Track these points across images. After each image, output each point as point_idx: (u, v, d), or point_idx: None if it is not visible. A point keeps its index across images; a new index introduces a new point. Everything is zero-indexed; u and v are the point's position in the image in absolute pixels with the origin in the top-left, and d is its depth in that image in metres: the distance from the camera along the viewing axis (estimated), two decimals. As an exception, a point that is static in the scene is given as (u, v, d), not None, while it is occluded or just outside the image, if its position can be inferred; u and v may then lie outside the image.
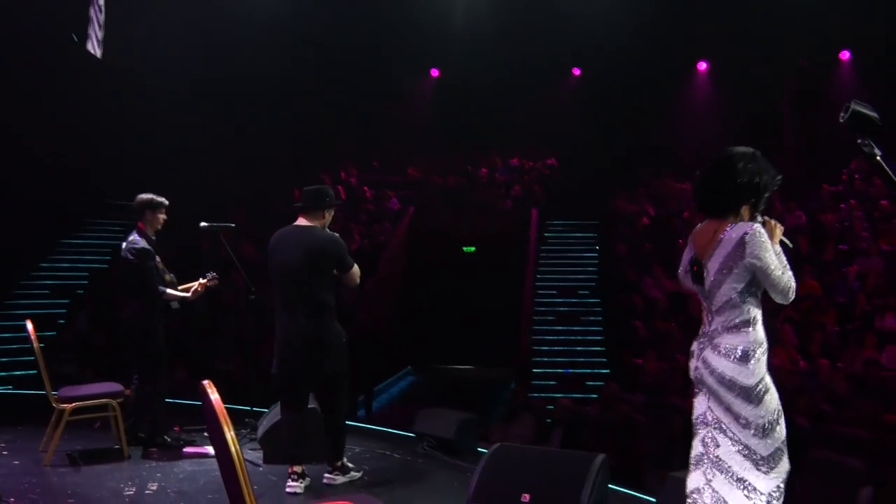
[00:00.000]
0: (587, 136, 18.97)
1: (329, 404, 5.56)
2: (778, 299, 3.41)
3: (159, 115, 16.10)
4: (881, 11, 15.60)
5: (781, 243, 3.50)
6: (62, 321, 13.92)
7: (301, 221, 5.52)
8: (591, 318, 14.81)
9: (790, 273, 3.39)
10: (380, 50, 18.94)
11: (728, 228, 3.37)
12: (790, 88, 18.35)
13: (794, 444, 7.30)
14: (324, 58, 18.93)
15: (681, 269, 3.68)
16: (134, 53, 14.49)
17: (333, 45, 18.77)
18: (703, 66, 19.61)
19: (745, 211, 3.45)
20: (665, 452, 7.98)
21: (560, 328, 14.67)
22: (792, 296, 3.39)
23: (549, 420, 9.46)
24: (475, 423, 6.55)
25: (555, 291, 15.76)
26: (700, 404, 3.49)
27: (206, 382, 2.73)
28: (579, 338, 14.38)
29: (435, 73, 21.39)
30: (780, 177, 3.52)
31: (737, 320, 3.37)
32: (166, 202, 6.57)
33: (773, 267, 3.31)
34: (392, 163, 20.97)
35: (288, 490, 5.28)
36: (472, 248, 17.80)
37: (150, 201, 6.50)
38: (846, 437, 7.20)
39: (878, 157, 2.36)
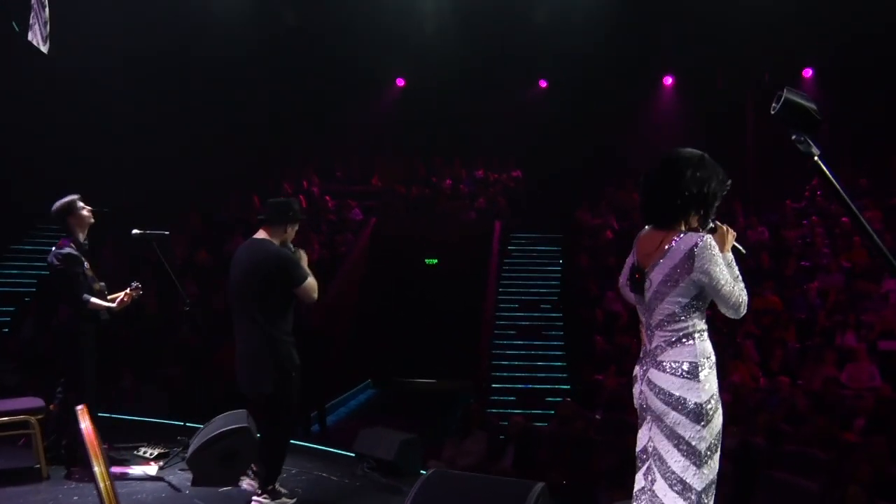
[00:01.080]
0: (553, 149, 18.80)
1: (263, 426, 5.30)
2: (729, 314, 3.14)
3: (113, 115, 15.63)
4: (844, 30, 15.60)
5: (734, 250, 3.24)
6: (6, 329, 13.45)
7: (260, 234, 5.34)
8: (553, 332, 14.63)
9: (742, 285, 3.12)
10: (345, 57, 18.65)
11: (676, 238, 3.09)
12: (754, 104, 18.33)
13: (750, 463, 7.14)
14: (287, 64, 18.61)
15: (621, 277, 3.41)
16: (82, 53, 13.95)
17: (298, 52, 18.46)
18: (668, 80, 19.55)
19: (693, 220, 3.18)
20: (620, 471, 7.76)
21: (521, 342, 14.47)
22: (743, 310, 3.12)
23: (502, 436, 9.21)
24: (418, 444, 6.26)
25: (517, 305, 15.57)
26: (643, 436, 3.22)
27: (79, 409, 2.45)
28: (540, 352, 14.18)
29: (400, 82, 21.11)
30: (729, 181, 3.23)
31: (679, 334, 3.09)
32: (77, 195, 6.18)
33: (723, 282, 3.04)
34: (355, 172, 20.75)
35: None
36: (435, 260, 17.58)
37: (65, 206, 6.11)
38: (803, 457, 7.02)
39: (816, 158, 2.07)
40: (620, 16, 17.47)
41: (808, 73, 17.94)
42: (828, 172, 2.01)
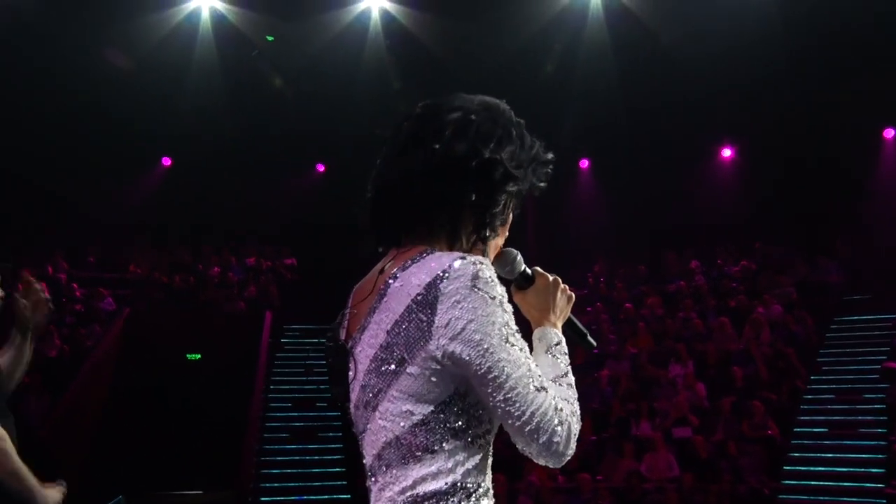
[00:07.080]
0: (330, 235, 17.75)
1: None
2: (529, 449, 1.62)
3: None
4: (620, 123, 16.00)
5: (571, 331, 1.82)
6: None
7: None
8: (330, 433, 13.19)
9: (567, 392, 1.69)
10: (103, 133, 16.71)
11: (403, 264, 1.61)
12: (534, 194, 18.32)
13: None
14: (35, 139, 16.34)
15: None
16: None
17: (46, 125, 16.29)
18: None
19: (465, 228, 1.67)
20: None
21: (294, 447, 12.86)
22: (561, 443, 1.63)
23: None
24: None
25: (290, 404, 14.02)
26: None
27: None
28: (315, 457, 12.68)
29: (166, 161, 19.32)
30: (549, 155, 1.79)
31: (420, 490, 1.56)
32: None
33: (508, 366, 1.53)
34: (111, 258, 18.54)
35: None
36: (198, 355, 15.66)
37: None
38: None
39: None
40: (397, 97, 17.01)
41: (584, 163, 18.14)
42: None
